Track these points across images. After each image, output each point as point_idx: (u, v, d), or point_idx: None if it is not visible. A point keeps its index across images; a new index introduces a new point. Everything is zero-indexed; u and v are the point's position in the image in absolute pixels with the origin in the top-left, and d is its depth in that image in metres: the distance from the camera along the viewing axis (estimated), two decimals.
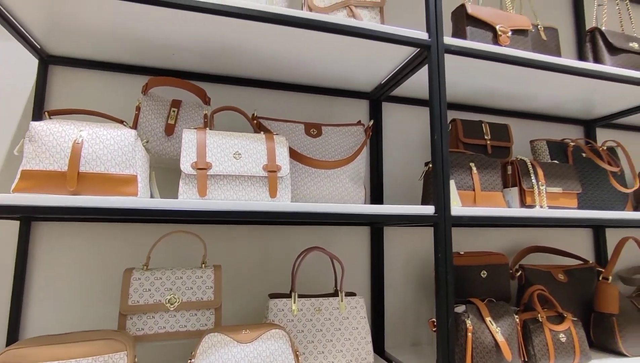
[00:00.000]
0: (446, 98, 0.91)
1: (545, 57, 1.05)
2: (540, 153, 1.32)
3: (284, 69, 1.10)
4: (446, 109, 0.91)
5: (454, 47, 0.95)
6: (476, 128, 1.24)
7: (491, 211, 0.92)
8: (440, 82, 0.92)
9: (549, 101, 1.36)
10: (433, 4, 0.94)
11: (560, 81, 1.18)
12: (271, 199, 0.83)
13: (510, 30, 1.07)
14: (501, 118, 1.45)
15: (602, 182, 1.29)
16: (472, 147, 1.22)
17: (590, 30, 1.29)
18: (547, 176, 1.13)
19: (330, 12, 0.96)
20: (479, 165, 1.07)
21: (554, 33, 1.38)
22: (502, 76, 1.14)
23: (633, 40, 1.29)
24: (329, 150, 1.06)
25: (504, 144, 1.25)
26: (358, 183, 1.06)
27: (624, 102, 1.37)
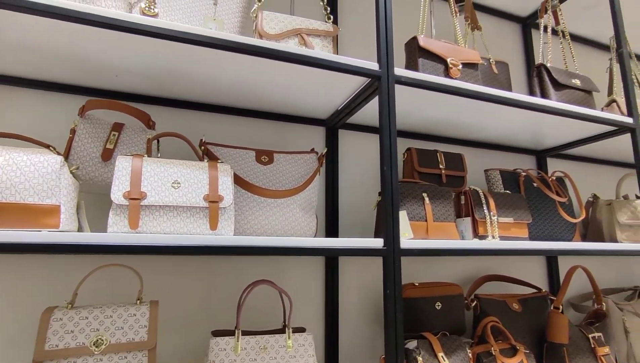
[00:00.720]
0: (396, 128, 0.91)
1: (493, 91, 1.08)
2: (494, 182, 1.34)
3: (236, 94, 1.08)
4: (396, 139, 0.90)
5: (404, 78, 0.95)
6: (431, 157, 1.24)
7: (441, 244, 0.91)
8: (390, 112, 0.91)
9: (502, 132, 1.40)
10: (384, 36, 0.95)
11: (510, 113, 1.22)
12: (211, 232, 0.78)
13: (461, 63, 1.10)
14: (457, 147, 1.48)
15: (551, 211, 1.32)
16: (427, 176, 1.22)
17: (537, 67, 1.34)
18: (499, 206, 1.14)
19: (281, 40, 0.95)
20: (431, 195, 1.06)
21: (505, 67, 1.44)
22: (454, 107, 1.16)
23: (575, 77, 1.35)
24: (280, 178, 1.02)
25: (458, 174, 1.26)
26: (309, 213, 1.03)
27: (570, 134, 1.43)
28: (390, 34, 0.96)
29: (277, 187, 1.01)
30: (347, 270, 1.22)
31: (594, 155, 1.74)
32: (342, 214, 1.25)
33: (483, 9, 1.72)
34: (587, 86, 1.36)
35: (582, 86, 1.34)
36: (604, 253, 1.13)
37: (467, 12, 1.43)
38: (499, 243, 0.99)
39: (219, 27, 0.97)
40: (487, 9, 1.72)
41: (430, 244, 0.90)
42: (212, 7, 0.99)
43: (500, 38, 1.74)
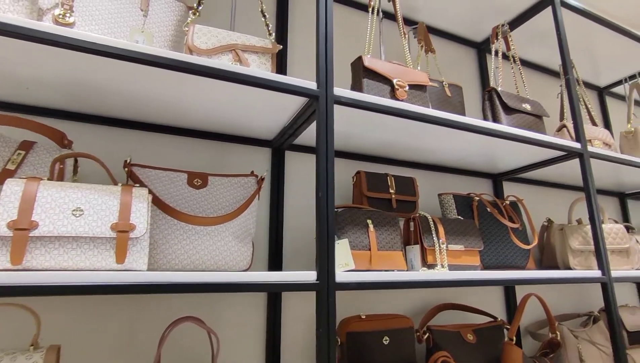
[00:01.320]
0: (333, 152, 0.85)
1: (440, 113, 1.05)
2: (448, 207, 1.30)
3: (172, 112, 1.00)
4: (333, 164, 0.84)
5: (344, 99, 0.90)
6: (381, 181, 1.19)
7: (380, 276, 0.84)
8: (328, 134, 0.86)
9: (456, 155, 1.37)
10: (323, 55, 0.90)
11: (463, 137, 1.19)
12: (117, 265, 0.69)
13: (408, 85, 1.07)
14: (411, 170, 1.44)
15: (504, 237, 1.29)
16: (376, 201, 1.16)
17: (488, 91, 1.34)
18: (449, 233, 1.09)
19: (214, 55, 0.89)
20: (377, 222, 1.00)
21: (458, 90, 1.43)
22: (404, 129, 1.12)
23: (526, 102, 1.35)
24: (213, 203, 0.94)
25: (409, 198, 1.22)
26: (244, 241, 0.95)
27: (522, 159, 1.42)
28: (330, 52, 0.91)
29: (209, 213, 0.93)
30: (292, 303, 1.14)
31: (549, 178, 1.75)
32: (288, 241, 1.17)
33: (440, 34, 1.72)
34: (537, 111, 1.36)
35: (532, 111, 1.34)
36: (552, 281, 1.10)
37: (420, 34, 1.42)
38: (444, 274, 0.94)
39: (147, 39, 0.90)
40: (444, 34, 1.73)
41: (369, 277, 0.84)
42: (141, 18, 0.92)
43: (457, 62, 1.75)
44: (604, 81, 2.20)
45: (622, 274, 1.26)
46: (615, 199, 2.10)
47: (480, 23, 1.66)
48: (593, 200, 1.27)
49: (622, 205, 2.11)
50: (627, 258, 1.39)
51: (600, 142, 1.53)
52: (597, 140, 1.52)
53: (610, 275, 1.22)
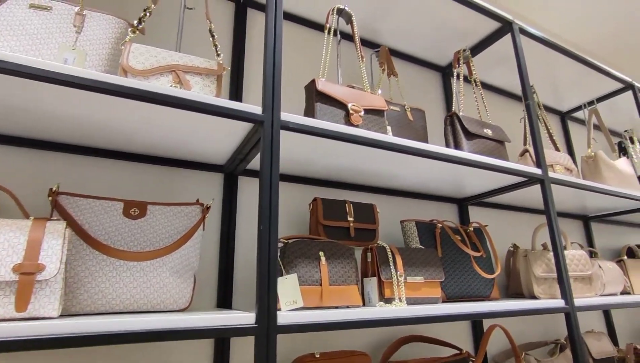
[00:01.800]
0: (278, 181, 0.79)
1: (396, 140, 1.01)
2: (410, 234, 1.26)
3: (109, 135, 0.92)
4: (277, 195, 0.78)
5: (292, 125, 0.85)
6: (339, 208, 1.14)
7: (326, 316, 0.78)
8: (272, 162, 0.80)
9: (420, 180, 1.34)
10: (270, 77, 0.86)
11: (424, 162, 1.16)
12: (18, 314, 0.60)
13: (363, 109, 1.03)
14: (371, 195, 1.40)
15: (467, 266, 1.25)
16: (333, 230, 1.11)
17: (450, 115, 1.32)
18: (408, 264, 1.04)
19: (151, 76, 0.82)
20: (330, 254, 0.94)
21: (421, 114, 1.41)
22: (363, 155, 1.07)
23: (487, 127, 1.34)
24: (150, 235, 0.86)
25: (369, 226, 1.16)
26: (184, 277, 0.87)
27: (486, 184, 1.40)
28: (277, 75, 0.86)
29: (145, 246, 0.84)
30: (241, 345, 1.05)
31: (515, 202, 1.74)
32: (239, 274, 1.09)
33: (404, 57, 1.72)
34: (498, 136, 1.35)
35: (493, 136, 1.33)
36: (514, 314, 1.06)
37: (382, 57, 1.40)
38: (400, 311, 0.88)
39: (79, 58, 0.83)
40: (408, 57, 1.73)
41: (315, 317, 0.77)
42: (73, 34, 0.85)
43: (422, 86, 1.74)
44: (566, 106, 2.25)
45: (586, 303, 1.24)
46: (579, 222, 2.12)
47: (444, 47, 1.67)
48: (554, 227, 1.26)
49: (586, 228, 2.12)
50: (589, 285, 1.37)
51: (561, 167, 1.53)
52: (558, 166, 1.52)
53: (574, 304, 1.19)
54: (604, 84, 2.01)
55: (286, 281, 0.86)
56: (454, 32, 1.56)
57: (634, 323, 2.14)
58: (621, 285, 1.55)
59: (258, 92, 1.28)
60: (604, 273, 1.50)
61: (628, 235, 2.35)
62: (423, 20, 1.48)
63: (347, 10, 1.17)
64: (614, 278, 1.52)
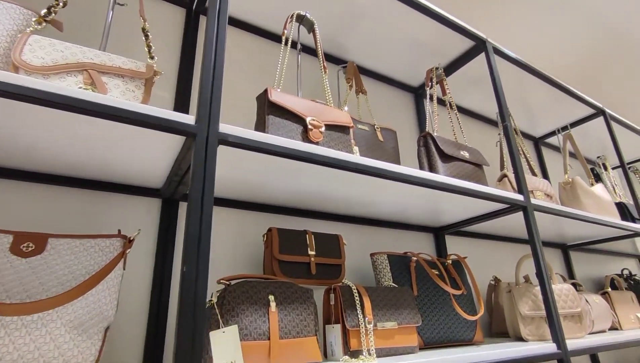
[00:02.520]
0: (212, 206, 0.62)
1: (365, 160, 0.87)
2: (381, 269, 1.10)
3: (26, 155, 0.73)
4: (210, 224, 0.61)
5: (233, 138, 0.69)
6: (298, 240, 0.97)
7: None
8: (205, 183, 0.63)
9: (392, 207, 1.19)
10: (208, 81, 0.70)
11: (397, 187, 1.02)
12: None
13: (324, 124, 0.89)
14: (338, 224, 1.24)
15: (447, 306, 1.10)
16: (290, 267, 0.93)
17: (423, 136, 1.20)
18: (378, 307, 0.88)
19: (54, 75, 0.65)
20: (282, 298, 0.77)
21: (392, 135, 1.28)
22: (326, 178, 0.92)
23: (464, 149, 1.23)
24: (45, 278, 0.66)
25: (333, 261, 1.00)
26: (89, 332, 0.67)
27: (464, 212, 1.27)
28: (217, 80, 0.71)
29: (34, 292, 0.65)
30: None
31: (494, 231, 1.62)
32: (175, 325, 0.89)
33: (375, 76, 1.62)
34: (476, 159, 1.24)
35: (471, 159, 1.22)
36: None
37: (349, 73, 1.29)
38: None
39: None
40: (379, 76, 1.63)
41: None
42: None
43: (394, 107, 1.64)
44: (540, 131, 2.21)
45: (579, 345, 1.10)
46: (558, 251, 2.03)
47: (417, 66, 1.58)
48: (541, 259, 1.13)
49: (565, 257, 2.03)
50: (579, 324, 1.24)
51: (541, 193, 1.43)
52: (538, 191, 1.42)
53: (567, 348, 1.04)
54: (575, 109, 1.98)
55: (223, 336, 0.68)
56: (426, 51, 1.48)
57: (619, 358, 2.02)
58: (609, 320, 1.43)
59: None
60: (592, 309, 1.38)
61: (607, 264, 2.28)
62: (392, 36, 1.39)
63: (308, 17, 1.05)
64: (602, 313, 1.40)
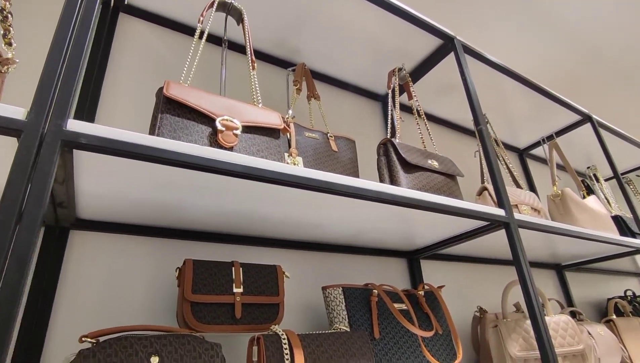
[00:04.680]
0: (37, 229, 0.42)
1: (297, 170, 0.68)
2: (334, 307, 0.89)
3: None
4: (29, 257, 0.41)
5: (88, 139, 0.50)
6: (220, 275, 0.76)
7: None
8: (28, 201, 0.43)
9: (351, 230, 1.00)
10: (56, 63, 0.51)
11: (352, 204, 0.83)
12: None
13: (242, 125, 0.70)
14: (283, 252, 1.03)
15: (418, 350, 0.89)
16: (208, 310, 0.72)
17: (383, 143, 1.02)
18: (315, 360, 0.66)
19: None
20: (170, 359, 0.55)
21: (350, 145, 1.10)
22: (255, 195, 0.73)
23: (432, 158, 1.05)
24: None
25: (267, 300, 0.79)
26: None
27: (439, 232, 1.08)
28: (73, 60, 0.53)
29: None
30: None
31: (478, 253, 1.42)
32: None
33: (339, 84, 1.46)
34: (447, 169, 1.05)
35: (440, 168, 1.03)
36: None
37: (297, 75, 1.11)
38: None
39: None
40: (343, 84, 1.47)
41: None
42: None
43: (360, 117, 1.47)
44: (523, 142, 2.05)
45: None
46: (552, 272, 1.82)
47: (381, 72, 1.42)
48: (530, 286, 0.93)
49: (560, 278, 1.83)
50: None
51: (528, 207, 1.24)
52: (524, 206, 1.23)
53: None
54: (560, 116, 1.82)
55: None
56: (389, 53, 1.32)
57: None
58: (619, 356, 1.22)
59: (127, 112, 0.93)
60: (597, 344, 1.17)
61: (608, 284, 2.07)
62: (350, 37, 1.23)
63: (235, 5, 0.88)
64: (609, 348, 1.19)
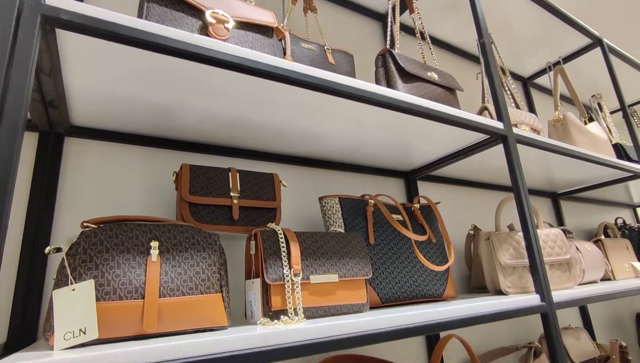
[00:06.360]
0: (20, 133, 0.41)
1: (291, 65, 0.66)
2: (331, 216, 0.91)
3: None
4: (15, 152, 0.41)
5: (69, 15, 0.47)
6: (217, 179, 0.77)
7: (133, 353, 0.41)
8: (21, 74, 0.42)
9: (347, 143, 0.99)
10: None
11: (349, 113, 0.82)
12: None
13: (233, 20, 0.66)
14: (278, 166, 1.03)
15: (411, 256, 0.92)
16: (206, 212, 0.74)
17: (382, 54, 0.98)
18: (311, 256, 0.69)
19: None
20: (170, 244, 0.57)
21: (348, 59, 1.07)
22: (247, 94, 0.71)
23: (432, 71, 1.01)
24: None
25: (264, 204, 0.80)
26: None
27: (437, 148, 1.07)
28: None
29: None
30: None
31: (474, 176, 1.43)
32: None
33: (342, 2, 1.38)
34: (447, 82, 1.02)
35: (440, 81, 1.00)
36: (474, 321, 0.73)
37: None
38: (290, 333, 0.52)
39: None
40: (346, 3, 1.39)
41: (115, 357, 0.40)
42: None
43: (359, 36, 1.40)
44: (528, 70, 1.98)
45: (566, 297, 0.93)
46: (547, 200, 1.85)
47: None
48: (523, 197, 0.94)
49: (555, 206, 1.86)
50: (568, 273, 1.07)
51: (527, 127, 1.23)
52: (524, 125, 1.22)
53: (552, 300, 0.88)
54: (569, 40, 1.75)
55: (72, 295, 0.49)
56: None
57: (611, 313, 1.90)
58: (602, 270, 1.27)
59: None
60: (583, 257, 1.21)
61: (601, 214, 2.12)
62: None
63: None
64: (593, 262, 1.24)
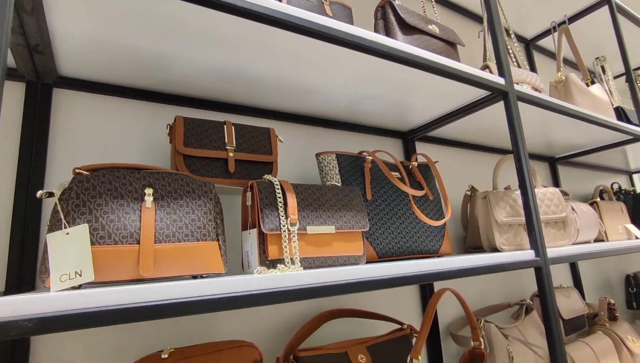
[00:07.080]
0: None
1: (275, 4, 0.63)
2: (328, 172, 0.90)
3: None
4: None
5: None
6: (212, 132, 0.75)
7: (125, 294, 0.41)
8: None
9: (345, 98, 0.97)
10: None
11: (346, 64, 0.79)
12: None
13: None
14: (275, 123, 1.01)
15: (408, 212, 0.92)
16: (201, 165, 0.72)
17: (381, 5, 0.94)
18: (308, 207, 0.68)
19: None
20: (165, 191, 0.56)
21: (346, 11, 1.02)
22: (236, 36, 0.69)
23: (433, 24, 0.98)
24: None
25: (260, 158, 0.79)
26: None
27: (437, 105, 1.05)
28: None
29: None
30: None
31: (474, 138, 1.42)
32: None
33: None
34: (448, 36, 0.99)
35: (440, 34, 0.97)
36: (470, 272, 0.74)
37: None
38: (288, 278, 0.52)
39: None
40: None
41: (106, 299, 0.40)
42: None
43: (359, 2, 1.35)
44: (532, 31, 1.93)
45: (560, 253, 0.94)
46: (545, 165, 1.85)
47: None
48: (522, 156, 0.93)
49: (553, 171, 1.86)
50: (563, 231, 1.08)
51: (529, 86, 1.21)
52: (525, 84, 1.20)
53: (547, 256, 0.89)
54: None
55: (66, 239, 0.48)
56: None
57: (602, 274, 1.94)
58: (596, 231, 1.28)
59: None
60: (578, 217, 1.22)
61: (597, 180, 2.13)
62: None
63: None
64: (588, 222, 1.25)
